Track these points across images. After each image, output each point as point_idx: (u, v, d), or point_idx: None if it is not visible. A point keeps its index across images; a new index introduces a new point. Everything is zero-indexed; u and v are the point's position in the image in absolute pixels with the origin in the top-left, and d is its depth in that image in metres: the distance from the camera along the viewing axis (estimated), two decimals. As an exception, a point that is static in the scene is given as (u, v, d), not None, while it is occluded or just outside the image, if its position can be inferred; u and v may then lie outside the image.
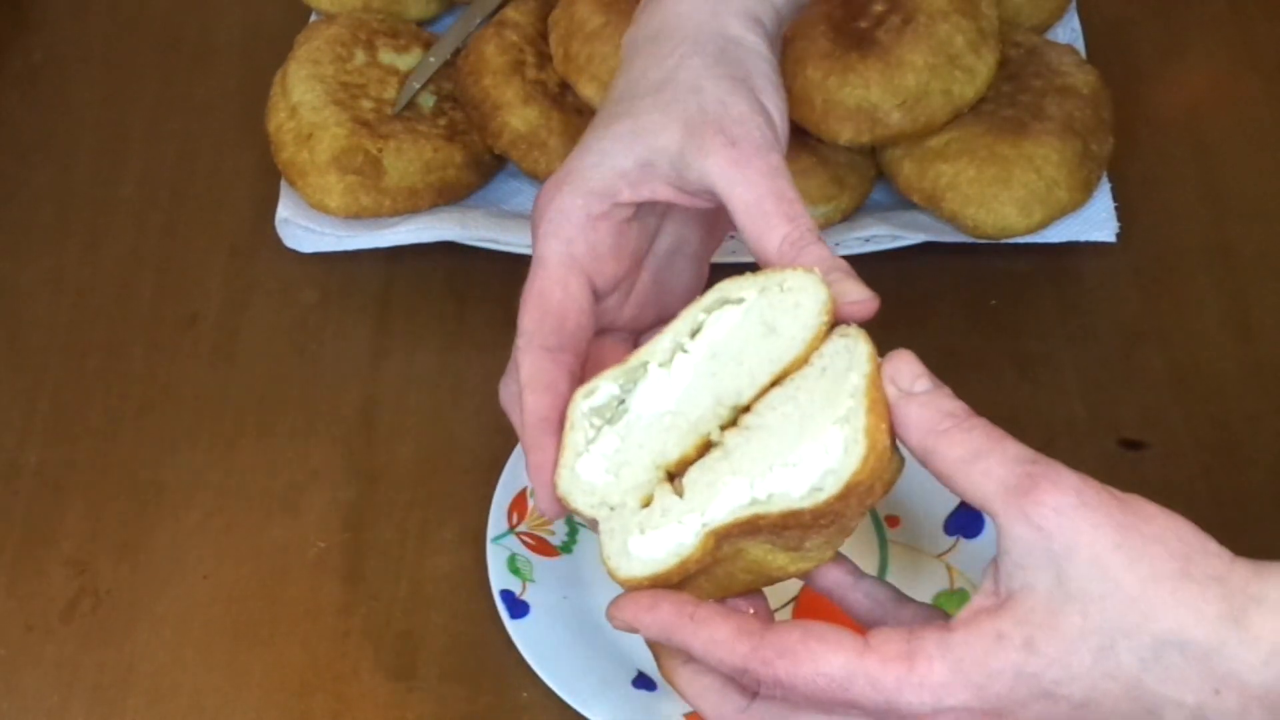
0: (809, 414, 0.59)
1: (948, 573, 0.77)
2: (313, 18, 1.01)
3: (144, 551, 0.82)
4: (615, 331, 0.71)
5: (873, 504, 0.60)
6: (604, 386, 0.63)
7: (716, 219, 0.71)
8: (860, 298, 0.63)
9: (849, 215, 0.91)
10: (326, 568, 0.81)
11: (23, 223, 0.96)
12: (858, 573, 0.65)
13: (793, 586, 0.78)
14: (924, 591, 0.77)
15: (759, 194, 0.65)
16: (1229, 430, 0.84)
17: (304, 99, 0.92)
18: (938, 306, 0.90)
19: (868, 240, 0.90)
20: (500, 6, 0.98)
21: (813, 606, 0.77)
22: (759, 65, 0.69)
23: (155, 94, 1.02)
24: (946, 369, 0.84)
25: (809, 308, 0.61)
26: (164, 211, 0.96)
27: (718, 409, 0.61)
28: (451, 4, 1.01)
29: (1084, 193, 0.89)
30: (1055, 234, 0.90)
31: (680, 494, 0.61)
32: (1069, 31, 0.99)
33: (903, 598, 0.64)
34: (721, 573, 0.62)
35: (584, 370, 0.67)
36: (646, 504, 0.62)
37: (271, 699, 0.77)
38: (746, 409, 0.61)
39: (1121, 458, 0.83)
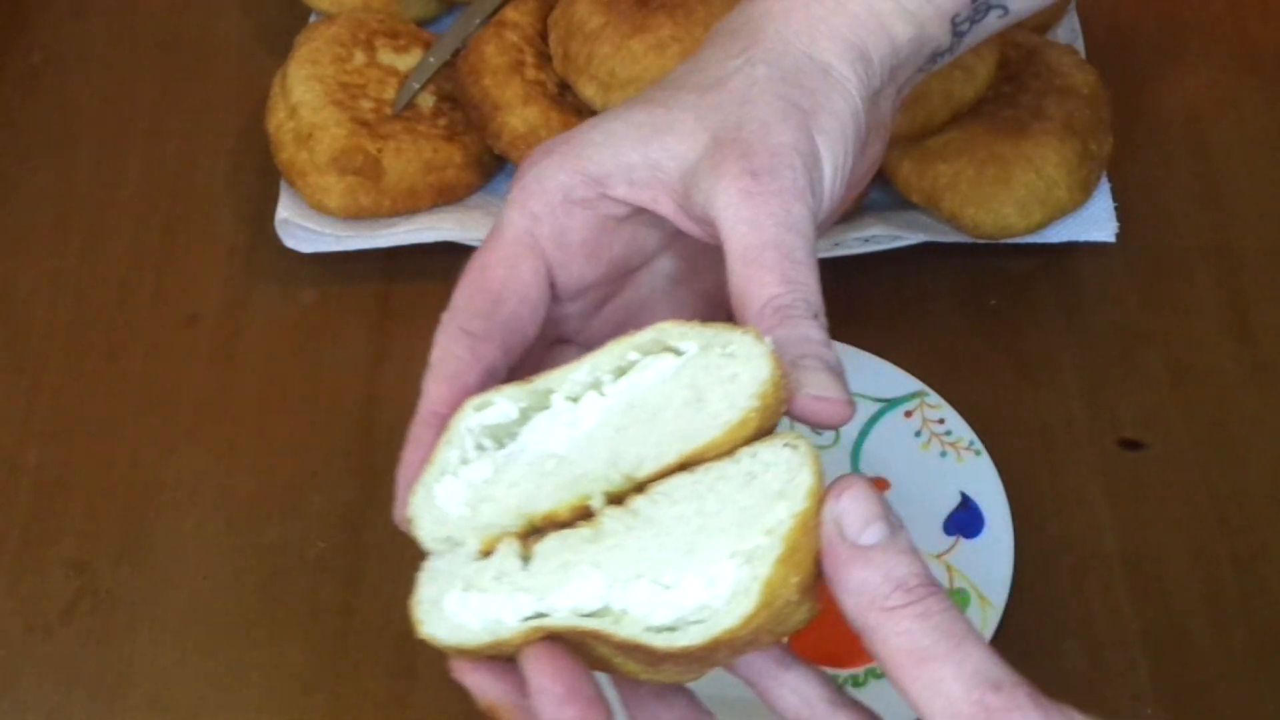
0: (710, 529, 0.48)
1: (948, 573, 0.77)
2: (312, 18, 1.01)
3: (144, 551, 0.82)
4: (577, 345, 0.61)
5: (757, 650, 0.51)
6: (500, 404, 0.52)
7: None
8: (828, 394, 0.51)
9: (849, 215, 0.91)
10: (326, 568, 0.81)
11: (23, 223, 0.96)
12: (787, 660, 0.53)
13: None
14: (923, 591, 0.77)
15: (761, 241, 0.54)
16: (1228, 430, 0.84)
17: (303, 99, 0.92)
18: (937, 306, 0.90)
19: (867, 240, 0.90)
20: (500, 7, 0.98)
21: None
22: (836, 104, 0.57)
23: (155, 94, 1.02)
24: (945, 369, 0.85)
25: (743, 385, 0.49)
26: (164, 211, 0.96)
27: (610, 472, 0.51)
28: (451, 4, 1.01)
29: (1083, 193, 0.89)
30: (1055, 234, 0.90)
31: (527, 560, 0.51)
32: (1069, 32, 0.99)
33: (839, 699, 0.53)
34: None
35: (518, 375, 0.56)
36: (488, 552, 0.52)
37: (271, 699, 0.77)
38: (641, 487, 0.50)
39: (1120, 458, 0.83)
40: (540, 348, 0.60)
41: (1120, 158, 0.92)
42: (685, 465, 0.50)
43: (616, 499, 0.51)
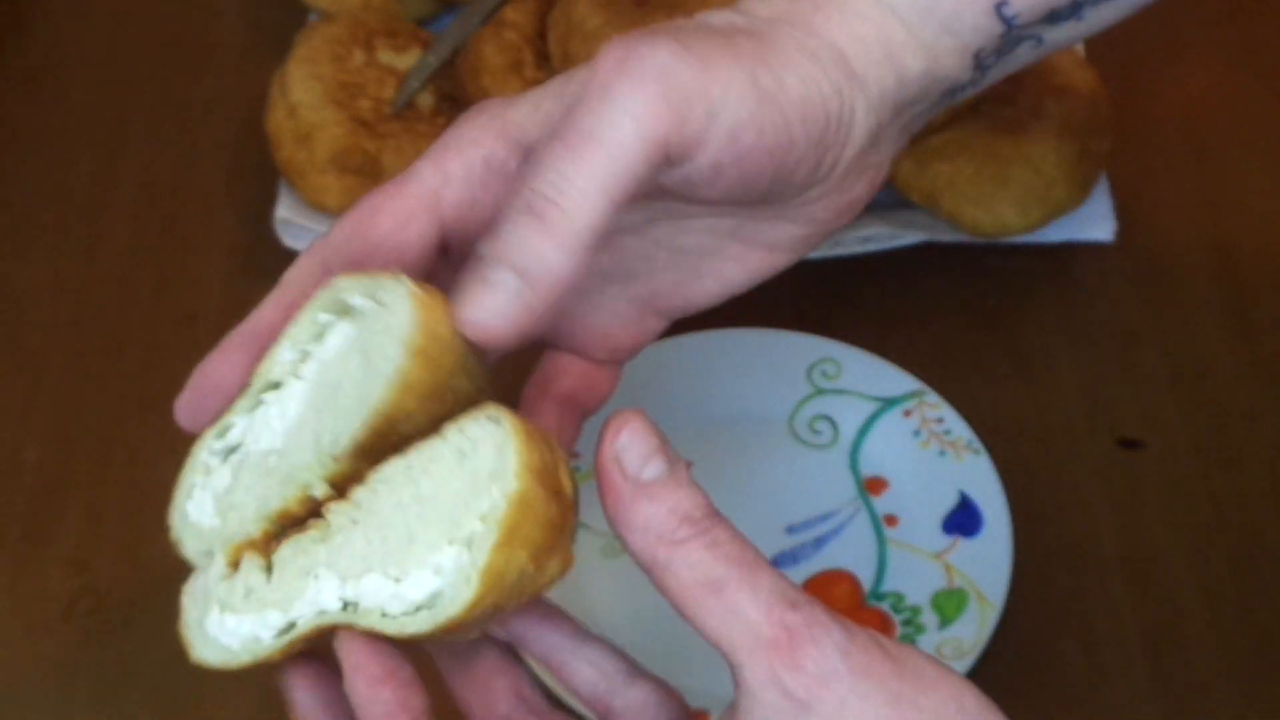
0: (428, 516, 0.47)
1: (946, 572, 0.77)
2: (312, 18, 1.01)
3: (144, 551, 0.82)
4: None
5: (515, 613, 0.50)
6: (239, 423, 0.51)
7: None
8: (474, 317, 0.48)
9: (848, 215, 0.91)
10: (326, 567, 0.81)
11: (22, 223, 0.96)
12: (581, 634, 0.53)
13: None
14: (922, 591, 0.77)
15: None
16: (1228, 430, 0.84)
17: (302, 98, 0.92)
18: (936, 306, 0.90)
19: (866, 239, 0.90)
20: (499, 6, 0.98)
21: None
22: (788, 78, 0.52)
23: (155, 94, 1.02)
24: (944, 368, 0.85)
25: (393, 335, 0.47)
26: (163, 211, 0.96)
27: (320, 457, 0.49)
28: (450, 4, 1.02)
29: (1082, 192, 0.89)
30: (1053, 233, 0.90)
31: (269, 571, 0.50)
32: (1068, 31, 0.99)
33: (635, 672, 0.53)
34: None
35: None
36: (236, 564, 0.51)
37: (272, 698, 0.76)
38: (361, 476, 0.49)
39: (1119, 457, 0.83)
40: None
41: (1119, 157, 0.92)
42: (396, 445, 0.48)
43: (340, 488, 0.50)
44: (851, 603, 0.77)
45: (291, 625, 0.49)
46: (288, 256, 0.91)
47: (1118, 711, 0.75)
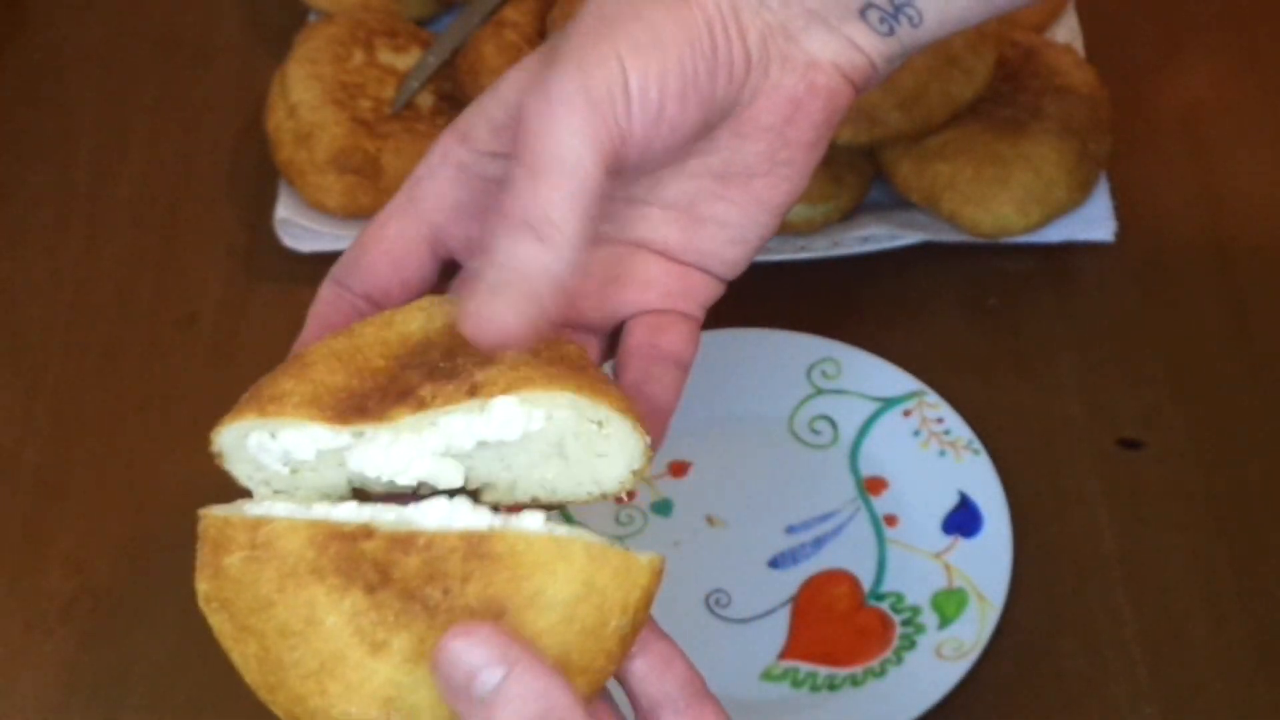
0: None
1: (946, 572, 0.77)
2: (311, 17, 1.01)
3: (143, 551, 0.82)
4: None
5: None
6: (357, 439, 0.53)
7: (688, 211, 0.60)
8: (487, 314, 0.52)
9: (848, 214, 0.91)
10: (326, 567, 0.81)
11: (22, 223, 0.96)
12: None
13: (791, 584, 0.78)
14: (922, 591, 0.77)
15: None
16: (1228, 430, 0.84)
17: (302, 98, 0.92)
18: (936, 306, 0.90)
19: (866, 239, 0.90)
20: (499, 6, 0.98)
21: (811, 605, 0.78)
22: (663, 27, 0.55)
23: (155, 94, 1.02)
24: (944, 368, 0.85)
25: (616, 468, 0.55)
26: (163, 211, 0.96)
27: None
28: (450, 4, 1.02)
29: (1082, 192, 0.89)
30: (1053, 233, 0.90)
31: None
32: (1067, 31, 0.99)
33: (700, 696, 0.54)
34: None
35: None
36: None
37: (271, 698, 0.77)
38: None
39: (1120, 457, 0.83)
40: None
41: (1119, 157, 0.92)
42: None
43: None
44: (851, 603, 0.77)
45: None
46: (288, 256, 0.92)
47: (1118, 711, 0.75)
